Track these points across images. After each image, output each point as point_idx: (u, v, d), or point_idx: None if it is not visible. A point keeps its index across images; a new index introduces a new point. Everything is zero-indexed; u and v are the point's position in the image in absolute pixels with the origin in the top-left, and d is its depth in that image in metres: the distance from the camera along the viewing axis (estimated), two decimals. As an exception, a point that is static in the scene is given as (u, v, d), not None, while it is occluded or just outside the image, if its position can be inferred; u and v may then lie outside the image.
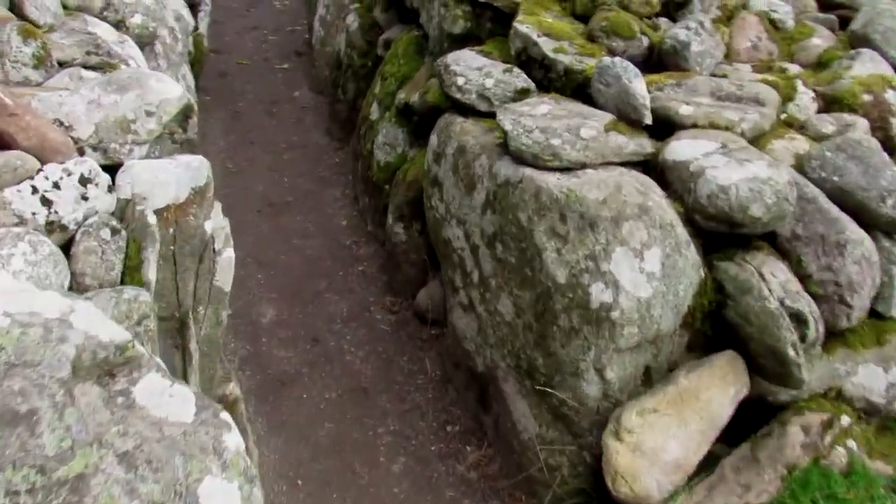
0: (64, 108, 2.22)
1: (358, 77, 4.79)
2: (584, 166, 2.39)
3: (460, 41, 3.38)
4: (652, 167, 2.53)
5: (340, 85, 4.94)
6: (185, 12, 4.68)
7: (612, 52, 2.94)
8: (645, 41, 3.00)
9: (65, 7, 3.29)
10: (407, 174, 3.47)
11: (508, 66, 2.92)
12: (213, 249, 2.40)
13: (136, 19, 3.53)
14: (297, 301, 3.46)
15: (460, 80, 2.86)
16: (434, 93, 3.25)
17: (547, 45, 2.87)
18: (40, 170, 2.00)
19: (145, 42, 3.64)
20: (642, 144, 2.53)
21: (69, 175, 2.03)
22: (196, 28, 5.08)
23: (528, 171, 2.39)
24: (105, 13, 3.47)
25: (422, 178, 3.18)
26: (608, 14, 3.02)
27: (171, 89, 2.34)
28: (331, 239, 3.95)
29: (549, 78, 2.87)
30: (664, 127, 2.62)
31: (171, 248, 2.28)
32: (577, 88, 2.78)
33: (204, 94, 5.49)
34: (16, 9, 2.97)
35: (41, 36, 2.70)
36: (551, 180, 2.33)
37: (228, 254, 2.48)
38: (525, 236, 2.39)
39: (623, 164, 2.48)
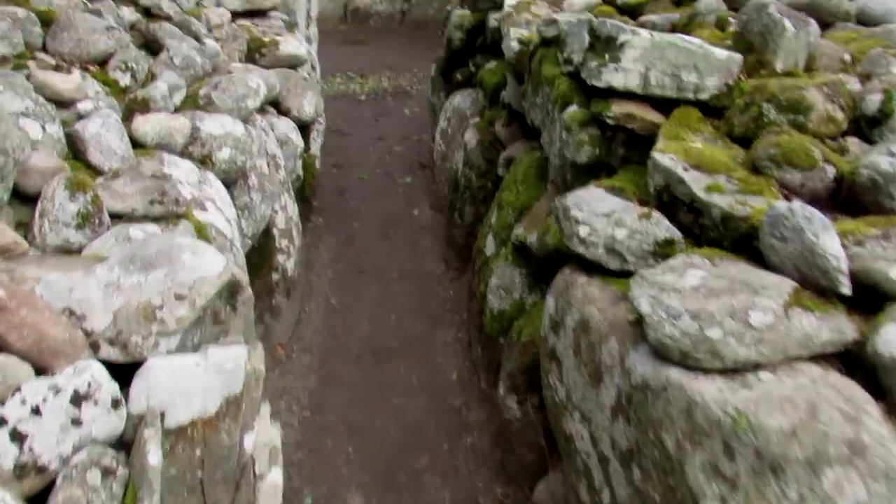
0: (75, 295, 1.78)
1: (476, 200, 4.28)
2: (757, 366, 1.68)
3: (587, 171, 2.77)
4: (856, 360, 1.77)
5: (457, 208, 4.44)
6: (294, 135, 4.38)
7: (784, 188, 2.23)
8: (830, 171, 2.25)
9: (142, 146, 2.99)
10: (521, 333, 2.84)
11: (646, 210, 2.26)
12: (254, 473, 1.85)
13: (224, 153, 3.18)
14: (391, 487, 2.86)
15: (583, 230, 2.23)
16: (555, 234, 2.64)
17: (696, 183, 2.20)
18: (17, 389, 1.55)
19: (233, 178, 3.28)
20: (840, 329, 1.78)
21: (57, 393, 1.56)
22: (307, 149, 4.79)
23: (676, 374, 1.70)
24: (190, 148, 3.15)
25: (538, 343, 2.55)
26: (778, 137, 2.32)
27: (210, 265, 1.86)
28: (437, 398, 3.36)
29: (700, 224, 2.19)
30: (870, 297, 1.86)
31: (199, 474, 1.75)
32: (741, 241, 2.07)
33: (317, 216, 5.17)
34: (79, 154, 2.67)
35: (92, 188, 2.34)
36: (710, 391, 1.63)
37: (275, 477, 1.92)
38: (673, 468, 1.68)
39: (814, 357, 1.74)
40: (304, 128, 4.75)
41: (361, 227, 5.17)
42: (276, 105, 4.60)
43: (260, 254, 3.66)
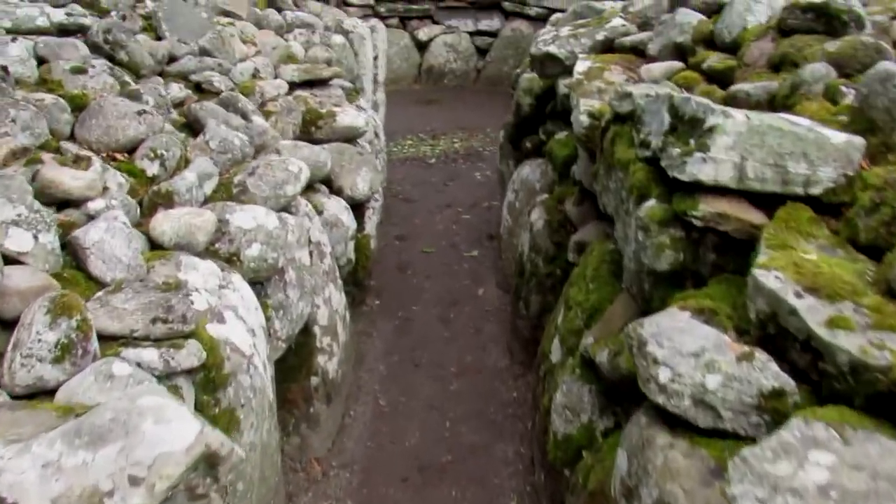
0: (5, 478, 1.41)
1: (543, 288, 3.82)
2: None
3: (668, 280, 2.28)
4: None
5: (523, 297, 3.99)
6: (346, 216, 4.04)
7: (936, 319, 1.69)
8: None
9: (160, 247, 2.67)
10: (589, 476, 2.34)
11: (746, 349, 1.76)
12: None
13: (253, 251, 2.83)
14: None
15: (664, 375, 1.74)
16: (629, 358, 2.15)
17: (814, 314, 1.69)
18: None
19: (263, 277, 2.93)
20: None
21: None
22: (361, 229, 4.44)
23: None
24: (217, 245, 2.82)
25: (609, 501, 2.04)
26: (921, 248, 1.79)
27: (177, 436, 1.47)
28: (492, 535, 2.88)
29: (820, 370, 1.67)
30: None
31: None
32: (879, 399, 1.55)
33: (373, 298, 4.79)
34: (79, 263, 2.37)
35: (80, 310, 2.00)
36: None
37: None
38: None
39: None
40: (359, 206, 4.42)
41: (421, 309, 4.76)
42: (327, 183, 4.29)
43: (297, 355, 3.29)
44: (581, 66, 3.84)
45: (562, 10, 11.45)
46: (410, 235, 6.06)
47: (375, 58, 7.30)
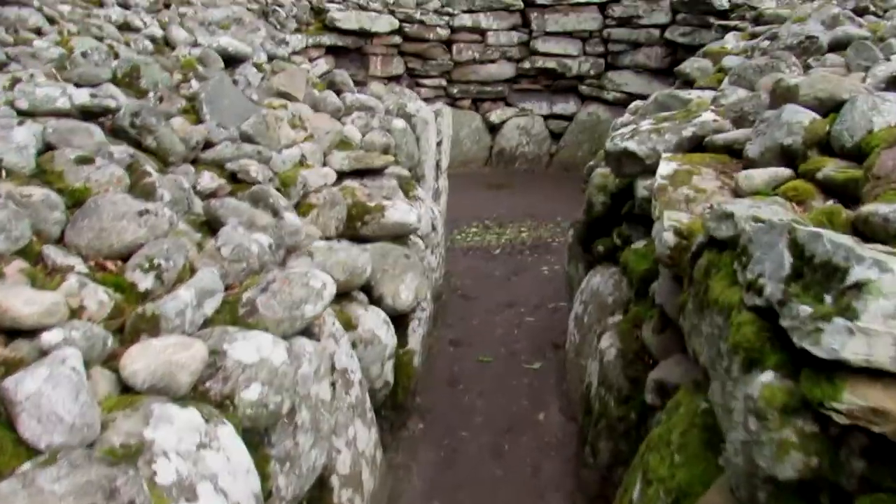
0: None
1: (615, 434, 3.14)
2: None
3: (794, 493, 1.62)
4: None
5: (590, 441, 3.32)
6: (384, 331, 3.49)
7: None
8: None
9: (132, 389, 2.15)
10: None
11: None
12: None
13: (251, 393, 2.28)
14: None
15: None
16: None
17: None
18: None
19: (263, 426, 2.37)
20: None
21: None
22: (403, 344, 3.87)
23: None
24: (208, 384, 2.29)
25: None
26: None
27: None
28: None
29: None
30: None
31: None
32: None
33: (417, 420, 4.18)
34: (10, 421, 1.85)
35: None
36: None
37: None
38: None
39: None
40: (402, 317, 3.87)
41: (471, 436, 4.11)
42: (367, 290, 3.76)
43: (307, 514, 2.70)
44: (665, 168, 3.24)
45: (642, 97, 10.95)
46: (466, 340, 5.47)
47: (439, 143, 6.89)
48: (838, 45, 4.68)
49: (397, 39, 11.07)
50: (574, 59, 11.49)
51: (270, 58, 6.21)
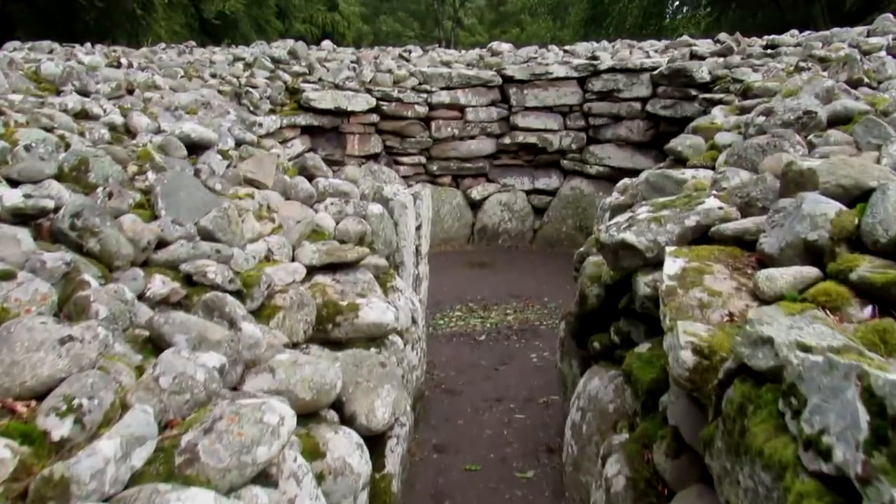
0: None
1: (627, 581, 2.68)
2: None
3: None
4: None
5: (597, 588, 2.85)
6: (356, 458, 3.04)
7: None
8: None
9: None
10: None
11: None
12: None
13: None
14: None
15: None
16: None
17: None
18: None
19: None
20: None
21: None
22: (380, 468, 3.41)
23: None
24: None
25: None
26: None
27: None
28: None
29: None
30: None
31: None
32: None
33: (397, 550, 3.67)
34: None
35: None
36: None
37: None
38: None
39: None
40: (376, 438, 3.41)
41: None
42: (338, 407, 3.32)
43: None
44: (672, 267, 2.87)
45: (625, 170, 10.74)
46: (451, 444, 4.99)
47: (419, 227, 6.53)
48: (838, 121, 4.42)
49: (375, 118, 10.86)
50: (555, 134, 11.32)
51: (239, 143, 5.88)
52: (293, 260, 4.40)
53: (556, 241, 11.48)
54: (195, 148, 5.30)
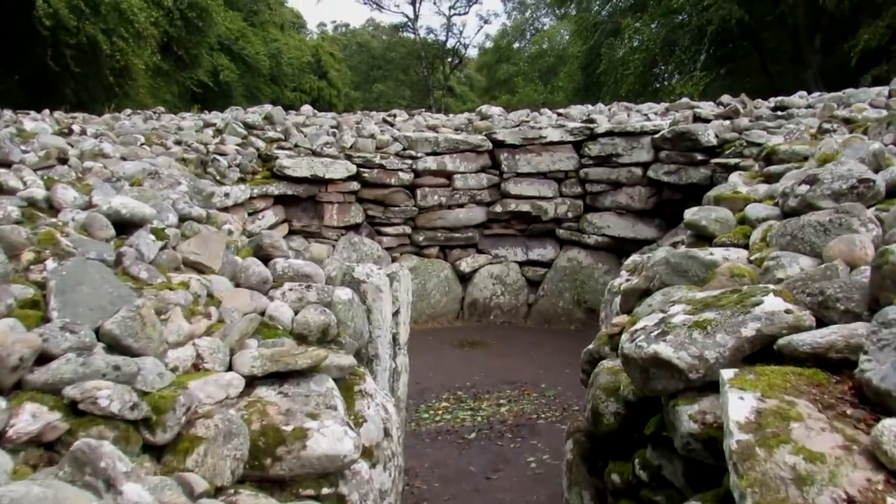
0: None
1: None
2: None
3: None
4: None
5: None
6: None
7: None
8: None
9: None
10: None
11: None
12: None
13: None
14: None
15: None
16: None
17: None
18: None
19: None
20: None
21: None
22: None
23: None
24: None
25: None
26: None
27: None
28: None
29: None
30: None
31: None
32: None
33: None
34: None
35: None
36: None
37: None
38: None
39: None
40: None
41: None
42: None
43: None
44: (741, 408, 1.97)
45: (626, 240, 9.94)
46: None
47: (396, 313, 5.63)
48: (899, 190, 3.62)
49: (355, 185, 10.09)
50: (549, 202, 10.56)
51: (184, 218, 5.02)
52: (230, 368, 3.49)
53: (553, 317, 10.59)
54: (126, 226, 4.44)
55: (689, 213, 4.42)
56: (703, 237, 4.37)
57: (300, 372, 3.62)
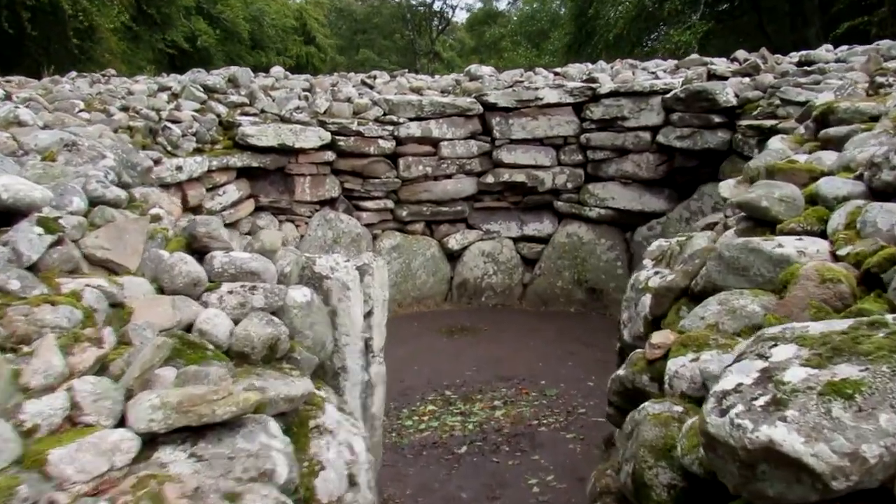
0: None
1: None
2: None
3: None
4: None
5: None
6: None
7: None
8: None
9: None
10: None
11: None
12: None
13: None
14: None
15: None
16: None
17: None
18: None
19: None
20: None
21: None
22: None
23: None
24: None
25: None
26: None
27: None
28: None
29: None
30: None
31: None
32: None
33: None
34: None
35: None
36: None
37: None
38: None
39: None
40: None
41: None
42: None
43: None
44: None
45: (632, 213, 8.94)
46: None
47: (369, 313, 4.62)
48: None
49: (330, 155, 9.01)
50: (547, 171, 9.52)
51: (95, 203, 3.97)
52: (121, 422, 2.48)
53: (551, 298, 9.62)
54: (12, 215, 3.40)
55: (746, 193, 3.40)
56: (762, 222, 3.34)
57: (222, 424, 2.61)
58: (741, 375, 1.71)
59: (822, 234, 3.04)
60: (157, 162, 7.20)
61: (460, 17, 45.72)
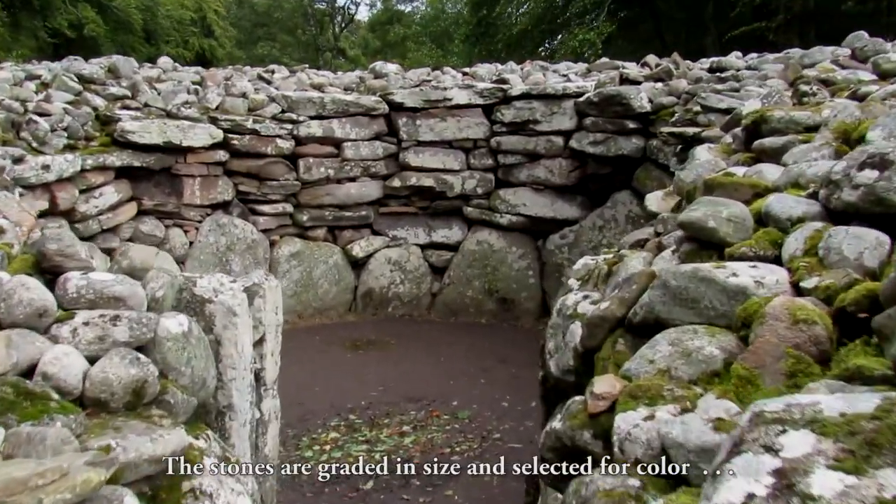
0: None
1: None
2: None
3: None
4: None
5: None
6: None
7: None
8: None
9: None
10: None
11: None
12: None
13: None
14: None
15: None
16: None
17: None
18: None
19: None
20: None
21: None
22: None
23: None
24: None
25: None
26: None
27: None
28: None
29: None
30: None
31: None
32: None
33: None
34: None
35: None
36: None
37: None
38: None
39: None
40: None
41: None
42: None
43: None
44: None
45: (545, 220, 8.63)
46: None
47: (261, 341, 4.03)
48: None
49: (222, 155, 8.29)
50: (456, 175, 9.09)
51: (-87, 213, 3.22)
52: None
53: (460, 309, 9.20)
54: None
55: (687, 212, 3.02)
56: (707, 244, 2.97)
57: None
58: (749, 481, 1.27)
59: (777, 260, 2.69)
60: (19, 160, 6.34)
61: (363, 14, 44.94)
